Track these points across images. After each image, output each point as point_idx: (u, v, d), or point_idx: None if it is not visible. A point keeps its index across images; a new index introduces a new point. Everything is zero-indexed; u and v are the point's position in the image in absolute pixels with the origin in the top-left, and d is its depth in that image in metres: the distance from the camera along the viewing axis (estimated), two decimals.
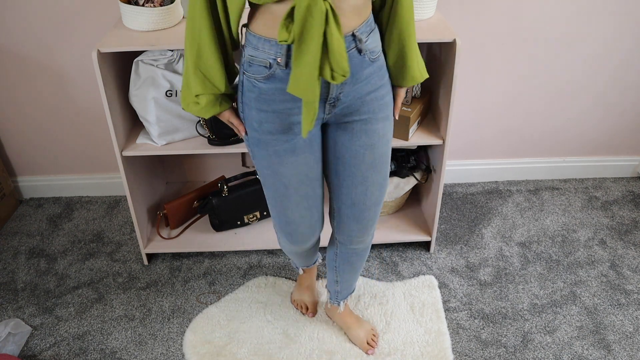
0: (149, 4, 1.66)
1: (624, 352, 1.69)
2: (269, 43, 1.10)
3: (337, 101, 1.19)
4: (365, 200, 1.35)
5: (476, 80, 2.17)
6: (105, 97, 1.63)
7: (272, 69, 1.12)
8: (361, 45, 1.13)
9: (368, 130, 1.26)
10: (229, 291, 1.93)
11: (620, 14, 2.03)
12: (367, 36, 1.15)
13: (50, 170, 2.36)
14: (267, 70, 1.12)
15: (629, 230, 2.17)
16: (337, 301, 1.70)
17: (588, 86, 2.22)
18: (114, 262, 2.06)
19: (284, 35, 1.03)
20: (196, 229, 2.10)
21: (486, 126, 2.31)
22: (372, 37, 1.16)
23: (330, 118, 1.24)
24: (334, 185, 1.37)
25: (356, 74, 1.17)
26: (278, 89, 1.14)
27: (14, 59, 2.04)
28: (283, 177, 1.27)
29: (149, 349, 1.73)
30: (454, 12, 1.99)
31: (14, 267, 2.05)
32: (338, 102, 1.19)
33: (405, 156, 2.06)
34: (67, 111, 2.18)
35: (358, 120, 1.24)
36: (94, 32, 1.97)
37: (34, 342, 1.76)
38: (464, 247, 2.10)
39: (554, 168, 2.44)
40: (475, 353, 1.70)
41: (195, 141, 1.84)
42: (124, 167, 1.79)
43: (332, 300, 1.71)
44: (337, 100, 1.19)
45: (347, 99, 1.20)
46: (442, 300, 1.87)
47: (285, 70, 1.11)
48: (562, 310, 1.84)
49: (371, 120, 1.25)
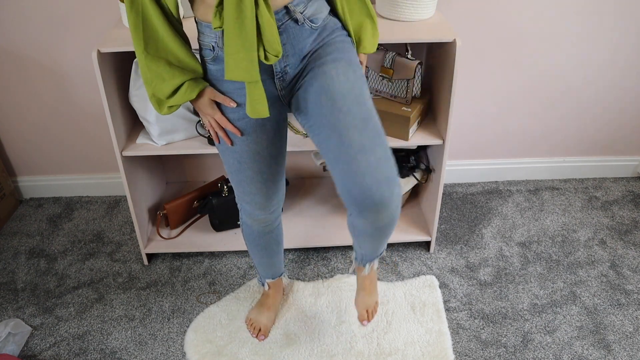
0: None
1: (624, 352, 1.69)
2: (209, 28, 1.16)
3: (285, 74, 1.21)
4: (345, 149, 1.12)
5: (476, 80, 2.17)
6: (105, 97, 1.63)
7: (215, 51, 1.17)
8: (296, 15, 1.14)
9: (316, 74, 1.18)
10: (229, 291, 1.93)
11: (621, 14, 2.03)
12: (304, 7, 1.15)
13: (50, 170, 2.36)
14: (212, 53, 1.19)
15: (629, 230, 2.17)
16: (362, 263, 1.49)
17: (588, 86, 2.22)
18: (114, 262, 2.06)
19: (217, 22, 1.08)
20: (196, 229, 2.10)
21: (486, 126, 2.31)
22: (311, 7, 1.17)
23: (284, 90, 1.25)
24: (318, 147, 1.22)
25: (298, 45, 1.18)
26: (223, 70, 1.19)
27: (14, 59, 2.04)
28: (235, 153, 1.32)
29: (149, 349, 1.73)
30: (454, 12, 1.99)
31: (14, 267, 2.05)
32: (286, 75, 1.21)
33: (405, 156, 2.06)
34: (67, 111, 2.18)
35: (312, 67, 1.20)
36: (94, 32, 1.97)
37: (34, 342, 1.76)
38: (464, 247, 2.10)
39: (554, 168, 2.44)
40: (475, 353, 1.70)
41: (195, 141, 1.84)
42: (124, 167, 1.79)
43: (358, 261, 1.49)
44: (285, 73, 1.20)
45: (294, 69, 1.21)
46: (442, 300, 1.87)
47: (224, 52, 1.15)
48: (562, 310, 1.84)
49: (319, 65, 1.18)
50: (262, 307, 1.78)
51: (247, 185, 1.39)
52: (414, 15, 1.71)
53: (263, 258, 1.65)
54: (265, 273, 1.71)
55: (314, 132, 1.21)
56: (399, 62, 1.75)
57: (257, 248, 1.61)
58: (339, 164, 1.14)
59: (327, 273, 1.99)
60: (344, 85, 1.15)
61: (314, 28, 1.19)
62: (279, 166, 1.39)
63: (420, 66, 1.77)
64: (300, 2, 1.15)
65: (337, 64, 1.17)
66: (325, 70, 1.16)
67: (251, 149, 1.30)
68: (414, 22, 1.72)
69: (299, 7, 1.15)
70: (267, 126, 1.28)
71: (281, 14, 1.13)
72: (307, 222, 2.13)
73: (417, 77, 1.78)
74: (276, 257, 1.67)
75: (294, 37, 1.17)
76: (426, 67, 1.98)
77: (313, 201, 2.24)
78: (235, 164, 1.35)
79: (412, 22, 1.72)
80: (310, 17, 1.17)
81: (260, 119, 1.25)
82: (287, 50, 1.18)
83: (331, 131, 1.14)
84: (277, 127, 1.31)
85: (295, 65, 1.21)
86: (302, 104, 1.21)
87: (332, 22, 1.23)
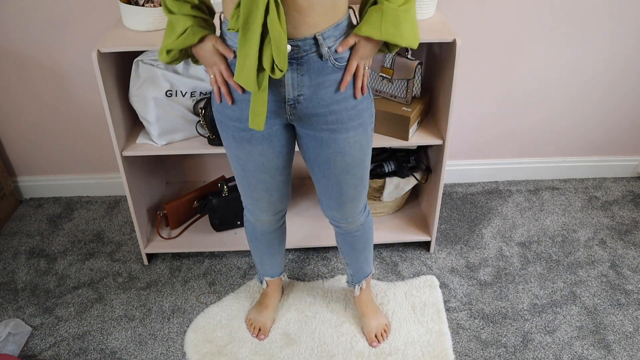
0: (149, 4, 1.66)
1: (624, 352, 1.69)
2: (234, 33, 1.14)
3: (298, 104, 1.19)
4: (341, 197, 1.39)
5: (476, 80, 2.17)
6: (105, 97, 1.63)
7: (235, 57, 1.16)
8: (322, 50, 1.11)
9: (337, 139, 1.25)
10: (229, 291, 1.93)
11: (621, 15, 2.03)
12: (333, 41, 1.12)
13: (50, 170, 2.36)
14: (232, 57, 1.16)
15: (629, 230, 2.17)
16: (352, 284, 1.73)
17: (588, 86, 2.22)
18: (114, 262, 2.06)
19: (232, 24, 1.07)
20: (196, 229, 2.10)
21: (486, 126, 2.31)
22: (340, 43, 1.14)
23: (295, 120, 1.24)
24: (313, 180, 1.42)
25: (317, 79, 1.15)
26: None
27: (14, 59, 2.04)
28: (239, 160, 1.32)
29: (149, 349, 1.73)
30: (454, 12, 1.99)
31: (14, 267, 2.05)
32: (298, 104, 1.19)
33: (405, 156, 2.06)
34: (67, 111, 2.18)
35: (326, 129, 1.23)
36: (94, 32, 1.97)
37: (34, 342, 1.76)
38: (464, 247, 2.10)
39: (554, 168, 2.44)
40: (476, 353, 1.70)
41: (195, 141, 1.84)
42: (124, 167, 1.79)
43: (349, 284, 1.74)
44: (297, 102, 1.18)
45: (309, 103, 1.18)
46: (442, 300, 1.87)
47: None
48: (562, 310, 1.84)
49: (340, 130, 1.23)
50: (260, 307, 1.79)
51: (250, 191, 1.40)
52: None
53: (264, 256, 1.65)
54: (265, 271, 1.72)
55: (315, 175, 1.36)
56: (399, 62, 1.75)
57: (259, 246, 1.61)
58: (331, 201, 1.41)
59: (327, 273, 1.99)
60: (357, 152, 1.29)
61: (337, 67, 1.15)
62: (283, 177, 1.39)
63: (420, 66, 1.77)
64: (331, 35, 1.11)
65: (356, 131, 1.25)
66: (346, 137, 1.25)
67: (256, 159, 1.30)
68: None
69: (329, 40, 1.11)
70: (274, 140, 1.27)
71: (308, 44, 1.10)
72: (307, 222, 2.13)
73: (417, 77, 1.78)
74: (277, 256, 1.68)
75: (315, 70, 1.14)
76: (426, 67, 1.98)
77: (313, 201, 2.24)
78: (239, 169, 1.35)
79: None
80: (336, 55, 1.14)
81: (266, 133, 1.24)
82: (304, 81, 1.15)
83: (334, 183, 1.35)
84: (284, 142, 1.30)
85: (311, 99, 1.18)
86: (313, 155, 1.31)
87: None
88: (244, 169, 1.34)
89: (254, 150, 1.28)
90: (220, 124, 1.29)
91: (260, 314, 1.77)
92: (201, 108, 1.73)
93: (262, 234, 1.57)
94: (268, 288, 1.78)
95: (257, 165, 1.32)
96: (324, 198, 1.42)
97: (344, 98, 1.20)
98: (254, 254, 1.67)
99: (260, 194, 1.40)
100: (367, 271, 1.69)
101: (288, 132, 1.30)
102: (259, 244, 1.61)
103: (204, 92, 1.79)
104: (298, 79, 1.15)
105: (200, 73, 1.77)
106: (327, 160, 1.30)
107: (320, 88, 1.17)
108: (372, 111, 1.29)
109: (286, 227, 1.65)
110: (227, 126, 1.27)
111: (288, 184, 1.44)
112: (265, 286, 1.77)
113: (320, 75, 1.15)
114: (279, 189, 1.41)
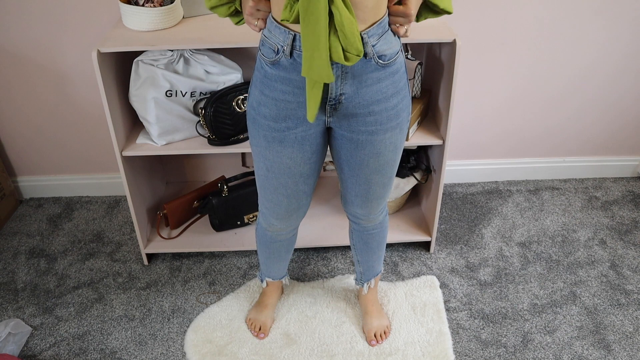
0: (149, 4, 1.66)
1: (624, 352, 1.69)
2: (279, 29, 1.10)
3: (339, 104, 1.17)
4: (368, 195, 1.39)
5: (476, 80, 2.17)
6: (105, 97, 1.63)
7: (278, 54, 1.12)
8: (367, 48, 1.10)
9: (374, 140, 1.24)
10: (230, 291, 1.93)
11: (620, 15, 2.03)
12: (376, 39, 1.11)
13: (50, 170, 2.36)
14: (274, 55, 1.13)
15: (629, 230, 2.17)
16: (360, 282, 1.73)
17: (588, 86, 2.22)
18: (114, 262, 2.06)
19: (286, 15, 1.02)
20: (196, 229, 2.10)
21: (486, 126, 2.31)
22: (382, 41, 1.12)
23: (333, 122, 1.23)
24: (339, 177, 1.41)
25: (360, 77, 1.14)
26: (281, 77, 1.15)
27: (13, 59, 2.04)
28: (266, 160, 1.29)
29: (149, 349, 1.73)
30: (454, 12, 1.99)
31: (14, 267, 2.05)
32: (339, 105, 1.17)
33: (405, 156, 2.06)
34: (67, 111, 2.18)
35: (364, 131, 1.22)
36: (94, 32, 1.97)
37: (34, 342, 1.76)
38: (464, 247, 2.10)
39: (554, 168, 2.44)
40: (476, 353, 1.70)
41: (195, 141, 1.84)
42: (124, 167, 1.79)
43: (357, 281, 1.75)
44: (339, 103, 1.17)
45: (350, 103, 1.17)
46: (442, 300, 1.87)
47: (289, 59, 1.11)
48: (562, 310, 1.84)
49: (378, 132, 1.23)
50: (260, 306, 1.79)
51: (270, 194, 1.37)
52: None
53: (269, 260, 1.65)
54: (268, 273, 1.72)
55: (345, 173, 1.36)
56: None
57: (266, 251, 1.61)
58: (357, 199, 1.41)
59: (327, 273, 1.99)
60: (392, 153, 1.29)
61: (380, 65, 1.14)
62: (307, 186, 1.36)
63: (420, 66, 1.77)
64: (375, 33, 1.09)
65: (393, 132, 1.25)
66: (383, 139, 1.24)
67: (284, 162, 1.27)
68: (414, 22, 1.72)
69: (372, 39, 1.09)
70: (305, 145, 1.25)
71: None
72: (308, 222, 2.13)
73: (417, 77, 1.78)
74: (283, 262, 1.68)
75: (358, 68, 1.12)
76: (426, 67, 1.98)
77: (313, 201, 2.24)
78: (263, 169, 1.32)
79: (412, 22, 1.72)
80: (379, 53, 1.12)
81: (299, 136, 1.22)
82: (347, 79, 1.13)
83: (364, 182, 1.35)
84: (315, 149, 1.28)
85: (352, 99, 1.16)
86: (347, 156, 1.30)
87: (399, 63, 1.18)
88: (269, 169, 1.30)
89: (284, 152, 1.25)
90: (254, 121, 1.25)
91: (260, 313, 1.77)
92: (201, 108, 1.73)
93: (272, 242, 1.56)
94: (268, 287, 1.78)
95: (283, 169, 1.29)
96: (350, 196, 1.42)
97: (384, 98, 1.18)
98: (260, 256, 1.66)
99: (280, 199, 1.37)
100: (378, 270, 1.70)
101: (322, 138, 1.28)
102: (266, 249, 1.60)
103: (204, 92, 1.79)
104: (342, 77, 1.13)
105: (200, 73, 1.77)
106: (360, 162, 1.29)
107: (362, 86, 1.15)
108: (410, 109, 1.28)
109: (296, 238, 1.63)
110: (259, 124, 1.24)
111: (309, 196, 1.41)
112: (265, 285, 1.77)
113: (362, 73, 1.13)
114: (298, 198, 1.37)
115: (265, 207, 1.43)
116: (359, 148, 1.26)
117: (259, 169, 1.33)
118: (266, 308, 1.78)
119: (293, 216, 1.44)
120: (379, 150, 1.26)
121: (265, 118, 1.22)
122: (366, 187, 1.36)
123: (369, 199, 1.40)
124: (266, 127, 1.23)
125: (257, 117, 1.24)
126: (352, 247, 1.66)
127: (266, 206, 1.42)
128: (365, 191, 1.38)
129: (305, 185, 1.35)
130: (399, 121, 1.24)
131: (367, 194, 1.38)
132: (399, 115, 1.24)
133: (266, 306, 1.78)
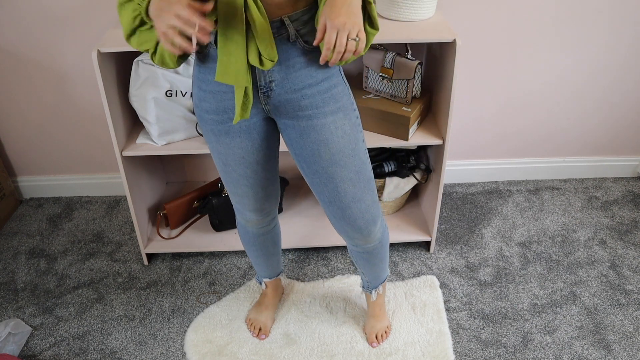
0: None
1: (624, 352, 1.69)
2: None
3: (270, 91, 1.18)
4: (339, 197, 1.29)
5: (476, 80, 2.17)
6: (105, 97, 1.63)
7: (207, 46, 1.13)
8: (290, 31, 1.10)
9: (315, 125, 1.21)
10: (230, 291, 1.93)
11: (620, 15, 2.04)
12: (302, 25, 1.10)
13: (50, 170, 2.36)
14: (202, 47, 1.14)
15: (629, 230, 2.17)
16: (368, 290, 1.67)
17: (588, 86, 2.22)
18: (114, 262, 2.06)
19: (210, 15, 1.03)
20: (196, 229, 2.10)
21: (486, 126, 2.31)
22: (308, 27, 1.12)
23: (272, 110, 1.23)
24: (308, 183, 1.35)
25: (286, 61, 1.14)
26: (212, 69, 1.16)
27: (13, 59, 2.04)
28: (220, 155, 1.31)
29: (149, 349, 1.73)
30: (454, 12, 1.99)
31: (14, 267, 2.05)
32: (271, 92, 1.18)
33: (405, 156, 2.06)
34: (67, 111, 2.18)
35: (302, 116, 1.21)
36: (94, 32, 1.97)
37: (34, 342, 1.76)
38: (464, 247, 2.10)
39: (554, 168, 2.44)
40: (475, 353, 1.70)
41: (195, 141, 1.84)
42: (124, 167, 1.79)
43: (365, 288, 1.68)
44: (270, 90, 1.17)
45: (281, 89, 1.17)
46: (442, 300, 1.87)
47: (216, 49, 1.12)
48: (562, 310, 1.84)
49: (317, 115, 1.20)
50: (260, 307, 1.79)
51: (234, 187, 1.38)
52: (414, 15, 1.71)
53: (259, 258, 1.65)
54: (263, 272, 1.72)
55: (307, 174, 1.30)
56: (399, 62, 1.75)
57: (252, 248, 1.61)
58: (333, 208, 1.32)
59: (327, 273, 1.99)
60: (342, 140, 1.23)
61: (306, 49, 1.14)
62: (266, 172, 1.36)
63: (420, 66, 1.77)
64: (298, 18, 1.10)
65: (335, 116, 1.21)
66: (324, 123, 1.20)
67: (236, 152, 1.29)
68: (414, 22, 1.72)
69: (296, 23, 1.10)
70: (252, 133, 1.26)
71: (275, 27, 1.09)
72: (307, 222, 2.13)
73: (417, 77, 1.78)
74: (273, 258, 1.67)
75: (283, 53, 1.12)
76: (426, 67, 1.98)
77: (313, 201, 2.24)
78: (220, 165, 1.34)
79: (412, 22, 1.72)
80: (305, 37, 1.12)
81: (244, 125, 1.24)
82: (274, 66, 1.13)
83: (327, 180, 1.27)
84: (264, 135, 1.29)
85: (283, 85, 1.16)
86: (297, 148, 1.26)
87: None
88: (224, 163, 1.32)
89: (233, 143, 1.27)
90: (200, 119, 1.27)
91: (260, 314, 1.77)
92: None
93: (254, 237, 1.56)
94: (267, 288, 1.78)
95: (237, 159, 1.30)
96: (325, 205, 1.34)
97: (315, 82, 1.18)
98: (250, 257, 1.66)
99: (244, 190, 1.38)
100: (384, 277, 1.65)
101: (268, 125, 1.28)
102: (252, 246, 1.60)
103: None
104: None
105: None
106: (312, 153, 1.24)
107: (291, 71, 1.15)
108: (351, 98, 1.25)
109: (280, 230, 1.64)
110: (205, 120, 1.26)
111: (274, 182, 1.41)
112: (264, 287, 1.77)
113: (289, 57, 1.14)
114: (263, 185, 1.38)
115: (236, 201, 1.44)
116: (303, 136, 1.23)
117: (218, 165, 1.35)
118: (267, 309, 1.78)
119: (265, 205, 1.45)
120: (326, 137, 1.22)
121: (208, 112, 1.24)
122: (333, 187, 1.27)
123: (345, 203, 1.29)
124: (210, 122, 1.25)
125: (201, 113, 1.26)
126: (353, 262, 1.62)
127: (236, 200, 1.43)
128: (334, 192, 1.28)
129: (265, 172, 1.36)
130: (339, 105, 1.21)
131: (339, 195, 1.28)
132: (337, 100, 1.20)
133: (267, 307, 1.78)
